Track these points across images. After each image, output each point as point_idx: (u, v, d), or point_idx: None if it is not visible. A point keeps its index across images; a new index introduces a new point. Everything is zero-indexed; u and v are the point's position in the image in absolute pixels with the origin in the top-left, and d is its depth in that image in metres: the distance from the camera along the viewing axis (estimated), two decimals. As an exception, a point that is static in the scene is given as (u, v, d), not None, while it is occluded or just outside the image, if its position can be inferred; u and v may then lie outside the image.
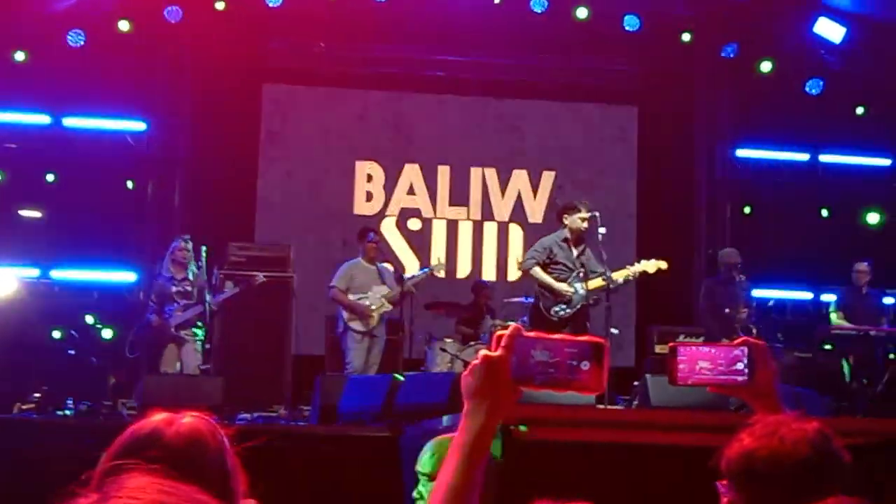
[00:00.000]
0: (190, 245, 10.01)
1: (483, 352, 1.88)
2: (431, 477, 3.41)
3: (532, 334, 1.88)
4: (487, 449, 1.84)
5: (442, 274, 11.57)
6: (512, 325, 1.91)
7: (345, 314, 10.30)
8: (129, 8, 12.16)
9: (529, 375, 1.85)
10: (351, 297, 10.30)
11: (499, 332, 1.88)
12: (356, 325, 10.23)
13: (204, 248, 10.19)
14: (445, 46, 13.61)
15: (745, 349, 2.33)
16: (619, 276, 8.50)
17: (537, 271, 8.60)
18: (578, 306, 8.40)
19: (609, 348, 1.89)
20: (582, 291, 8.37)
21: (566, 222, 8.61)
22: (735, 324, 9.84)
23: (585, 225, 8.46)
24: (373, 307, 10.22)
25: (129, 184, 12.71)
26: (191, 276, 9.99)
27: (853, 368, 10.33)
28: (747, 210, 13.78)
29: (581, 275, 8.43)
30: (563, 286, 8.43)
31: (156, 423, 2.08)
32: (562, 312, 8.39)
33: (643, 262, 8.64)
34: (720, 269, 10.73)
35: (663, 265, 8.71)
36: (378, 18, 12.84)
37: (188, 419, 2.10)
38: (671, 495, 4.08)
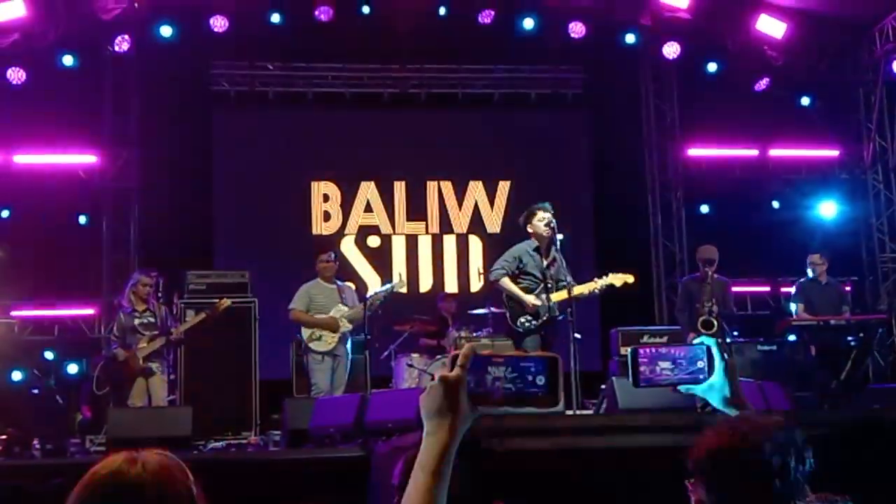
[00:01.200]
0: (153, 279, 9.93)
1: (439, 372, 1.90)
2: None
3: (486, 353, 1.91)
4: (449, 466, 1.85)
5: (404, 290, 11.55)
6: (467, 344, 1.94)
7: (304, 335, 10.20)
8: (72, 40, 12.08)
9: (486, 393, 1.88)
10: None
11: (454, 353, 1.91)
12: (316, 345, 10.15)
13: (161, 280, 10.12)
14: (393, 61, 13.65)
15: (704, 346, 2.36)
16: (584, 288, 8.49)
17: (506, 282, 8.57)
18: (545, 317, 8.39)
19: (561, 363, 1.92)
20: (549, 304, 8.36)
21: (531, 230, 8.60)
22: (699, 317, 9.90)
23: (548, 226, 8.43)
24: (339, 325, 10.15)
25: (82, 218, 12.60)
26: (152, 307, 9.92)
27: (816, 358, 10.43)
28: (705, 209, 13.92)
29: (550, 286, 8.42)
30: (530, 298, 8.42)
31: (119, 461, 2.07)
32: (528, 324, 8.37)
33: (610, 275, 8.61)
34: (698, 266, 10.81)
35: (630, 279, 8.70)
36: (324, 37, 12.86)
37: (151, 455, 2.10)
38: (642, 496, 4.11)
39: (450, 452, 1.86)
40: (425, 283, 13.58)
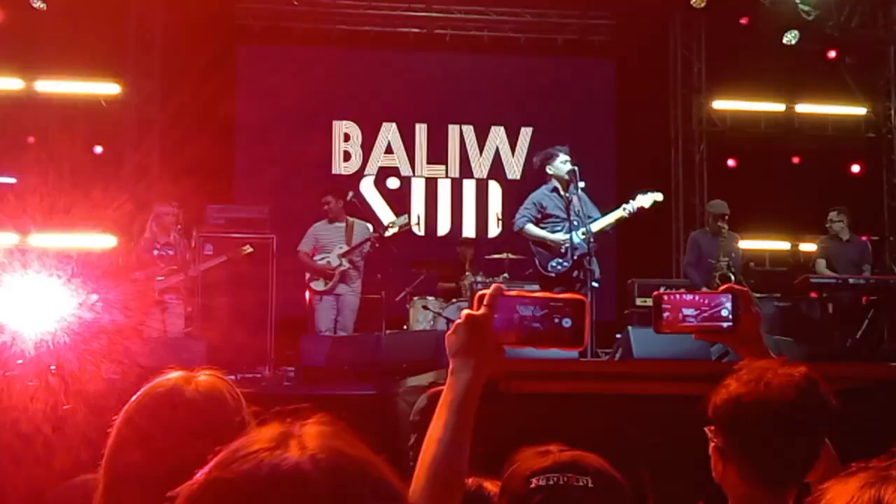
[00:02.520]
0: (174, 209, 9.97)
1: (466, 311, 1.90)
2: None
3: (513, 293, 1.92)
4: (475, 405, 1.86)
5: (421, 232, 11.57)
6: (494, 284, 1.94)
7: (307, 275, 10.35)
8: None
9: (512, 333, 1.89)
10: (317, 258, 10.33)
11: (481, 292, 1.91)
12: (315, 284, 10.27)
13: (180, 212, 10.15)
14: (420, 1, 13.51)
15: (729, 295, 2.34)
16: (612, 217, 8.37)
17: (530, 228, 8.50)
18: (575, 257, 8.27)
19: (590, 304, 1.93)
20: (577, 240, 8.24)
21: (550, 171, 8.51)
22: (714, 272, 9.87)
23: (569, 166, 8.32)
24: (333, 265, 10.21)
25: (98, 148, 12.56)
26: (172, 240, 9.95)
27: (833, 316, 10.40)
28: (731, 163, 13.79)
29: (576, 223, 8.28)
30: (557, 237, 8.35)
31: (174, 380, 2.08)
32: (559, 267, 8.28)
33: (638, 196, 8.46)
34: (707, 220, 10.76)
35: (659, 196, 8.51)
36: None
37: (204, 376, 2.10)
38: (659, 442, 4.11)
39: (475, 391, 1.86)
40: (443, 227, 13.55)
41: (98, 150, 12.63)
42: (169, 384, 2.07)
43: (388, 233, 10.18)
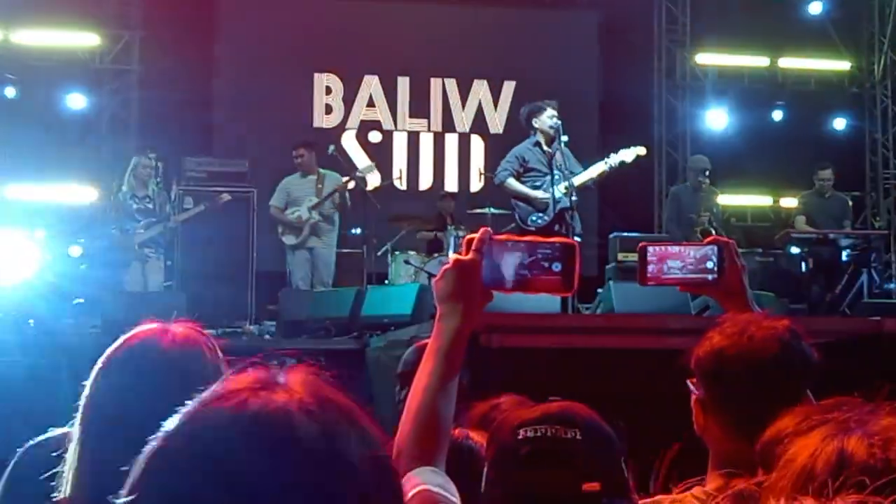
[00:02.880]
0: (153, 161, 9.90)
1: (454, 255, 1.88)
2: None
3: (502, 237, 1.88)
4: (463, 352, 1.84)
5: (403, 185, 11.52)
6: (483, 228, 1.90)
7: (279, 230, 10.32)
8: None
9: (501, 278, 1.85)
10: (288, 212, 10.28)
11: (469, 236, 1.87)
12: (286, 239, 10.25)
13: (161, 164, 10.08)
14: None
15: (715, 248, 2.32)
16: (594, 171, 8.35)
17: (511, 182, 8.45)
18: (556, 211, 8.24)
19: (579, 249, 1.88)
20: (558, 195, 8.20)
21: (536, 125, 8.45)
22: (696, 227, 9.88)
23: (554, 122, 8.26)
24: (303, 218, 10.17)
25: (79, 99, 12.40)
26: (151, 193, 9.88)
27: (812, 271, 10.45)
28: (718, 116, 13.68)
29: (557, 178, 8.24)
30: (538, 193, 8.32)
31: (150, 331, 2.06)
32: (539, 221, 8.25)
33: (620, 151, 8.42)
34: (688, 176, 10.76)
35: (642, 151, 8.47)
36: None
37: (181, 328, 2.09)
38: (641, 396, 4.12)
39: (463, 337, 1.84)
40: (425, 181, 13.50)
41: (69, 97, 12.42)
42: (144, 335, 2.05)
43: (357, 180, 10.13)
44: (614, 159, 8.34)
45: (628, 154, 8.37)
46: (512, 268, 1.85)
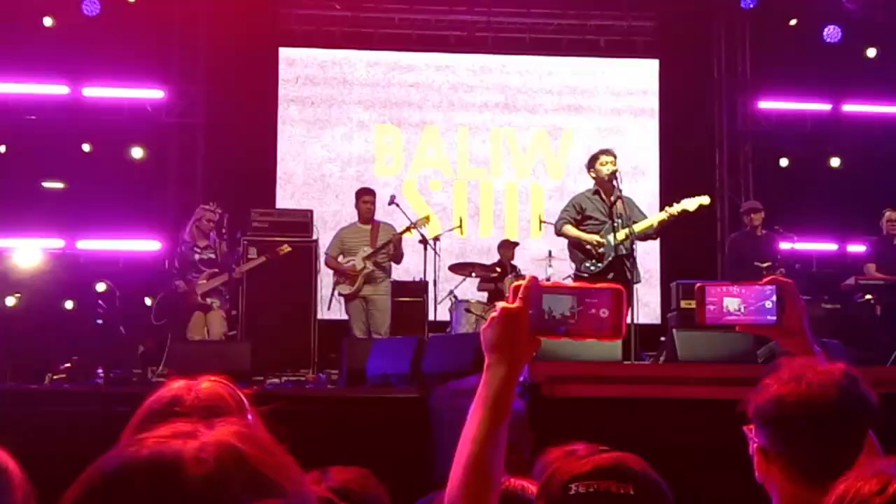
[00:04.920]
0: (216, 212, 10.05)
1: (501, 304, 1.86)
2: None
3: (549, 283, 1.88)
4: (511, 401, 1.83)
5: (464, 234, 11.54)
6: (529, 275, 1.89)
7: (334, 278, 10.39)
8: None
9: (548, 325, 1.84)
10: (342, 260, 10.36)
11: (516, 283, 1.87)
12: (341, 288, 10.30)
13: (224, 215, 10.24)
14: (463, 5, 13.52)
15: (774, 288, 2.31)
16: (654, 219, 8.33)
17: (568, 229, 8.47)
18: (611, 258, 8.23)
19: (627, 294, 1.88)
20: (612, 242, 8.19)
21: (593, 175, 8.50)
22: (760, 275, 9.79)
23: (611, 168, 8.27)
24: (357, 268, 10.22)
25: (139, 152, 12.62)
26: (213, 244, 10.03)
27: (882, 319, 10.26)
28: (784, 162, 13.59)
29: (616, 225, 8.23)
30: (591, 237, 8.32)
31: (175, 389, 2.10)
32: (593, 268, 8.25)
33: (683, 200, 8.40)
34: (744, 221, 10.71)
35: (705, 200, 8.44)
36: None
37: (206, 384, 2.12)
38: (701, 447, 4.08)
39: (510, 385, 1.83)
40: (485, 230, 13.54)
41: (138, 153, 12.66)
42: (169, 395, 2.08)
43: (413, 230, 10.19)
44: (676, 208, 8.31)
45: (691, 203, 8.34)
46: (559, 314, 1.84)
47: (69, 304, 10.57)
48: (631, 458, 1.95)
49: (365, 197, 10.59)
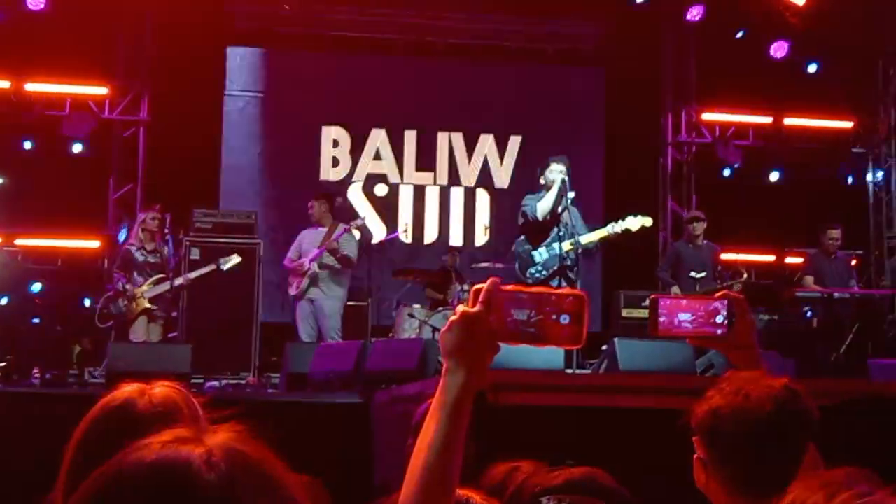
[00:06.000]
0: (161, 214, 9.94)
1: (461, 307, 1.81)
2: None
3: (510, 288, 1.83)
4: (469, 407, 1.77)
5: (408, 238, 11.54)
6: (491, 278, 1.84)
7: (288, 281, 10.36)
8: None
9: (509, 330, 1.80)
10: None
11: (476, 287, 1.82)
12: (290, 289, 10.26)
13: (168, 218, 10.13)
14: (411, 9, 13.52)
15: (725, 302, 2.34)
16: (596, 235, 8.42)
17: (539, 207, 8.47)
18: (555, 267, 8.29)
19: (589, 301, 1.84)
20: (559, 251, 8.25)
21: (542, 181, 8.56)
22: (696, 286, 9.91)
23: (561, 176, 8.32)
24: (305, 268, 10.15)
25: (78, 147, 12.45)
26: (158, 247, 9.92)
27: (818, 331, 10.44)
28: (726, 173, 13.76)
29: (562, 234, 8.28)
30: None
31: (128, 393, 2.06)
32: (538, 275, 8.31)
33: (627, 218, 8.49)
34: (687, 230, 10.86)
35: (648, 222, 8.57)
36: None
37: (159, 388, 2.09)
38: (642, 456, 4.11)
39: (469, 392, 1.77)
40: (430, 235, 13.54)
41: (77, 148, 12.47)
42: (122, 397, 2.05)
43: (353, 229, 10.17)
44: (619, 226, 8.43)
45: (634, 223, 8.47)
46: (520, 320, 1.80)
47: (4, 301, 10.40)
48: (600, 473, 1.95)
49: (311, 202, 10.53)
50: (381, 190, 13.48)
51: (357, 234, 10.34)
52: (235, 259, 10.00)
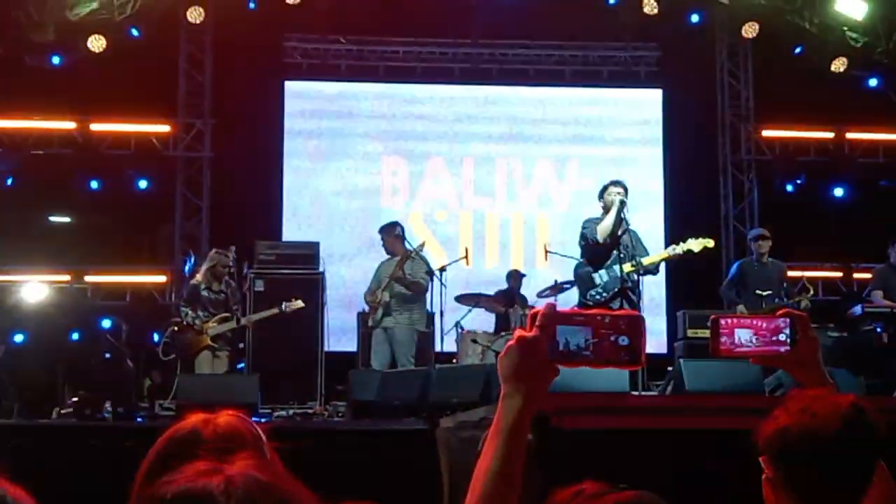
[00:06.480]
0: (231, 257, 10.03)
1: (518, 332, 1.80)
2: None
3: (566, 310, 1.83)
4: (526, 432, 1.76)
5: (470, 264, 11.53)
6: (547, 302, 1.87)
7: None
8: (151, 8, 12.13)
9: (566, 354, 1.79)
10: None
11: (533, 311, 1.82)
12: (369, 321, 10.29)
13: (233, 248, 10.25)
14: (467, 36, 13.61)
15: (788, 320, 2.32)
16: (658, 256, 8.40)
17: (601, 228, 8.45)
18: (615, 289, 8.27)
19: (646, 322, 1.83)
20: (619, 273, 8.24)
21: (602, 204, 8.57)
22: (762, 304, 9.80)
23: (621, 198, 8.31)
24: (378, 299, 10.17)
25: (144, 183, 12.70)
26: (224, 287, 10.01)
27: (888, 346, 10.24)
28: (790, 188, 13.63)
29: (623, 256, 8.28)
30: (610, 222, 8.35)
31: (194, 423, 2.10)
32: (598, 297, 8.29)
33: (689, 240, 8.48)
34: (751, 248, 10.73)
35: (710, 243, 8.53)
36: (396, 11, 12.84)
37: (224, 417, 2.12)
38: (710, 477, 4.08)
39: (527, 416, 1.76)
40: (491, 260, 13.55)
41: (143, 184, 12.72)
42: (187, 428, 2.08)
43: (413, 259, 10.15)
44: (682, 248, 8.40)
45: (696, 244, 8.44)
46: (577, 342, 1.79)
47: (76, 337, 10.58)
48: (648, 497, 1.93)
49: (381, 235, 10.52)
50: (440, 217, 13.53)
51: (423, 259, 10.30)
52: (298, 304, 10.00)
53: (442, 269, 10.60)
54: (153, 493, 1.13)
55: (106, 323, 11.03)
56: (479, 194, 13.68)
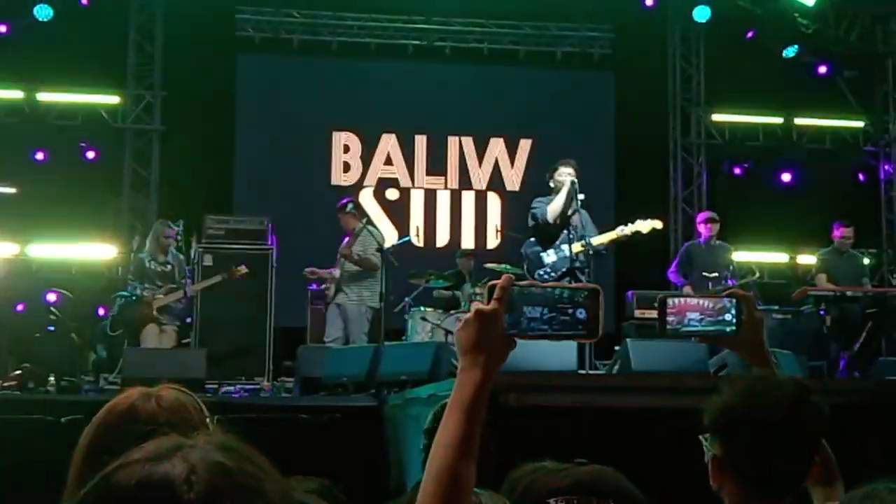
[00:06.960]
0: (176, 229, 9.94)
1: (476, 304, 1.79)
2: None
3: (525, 283, 1.82)
4: (485, 404, 1.75)
5: (420, 242, 11.54)
6: (505, 274, 1.83)
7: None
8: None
9: (524, 326, 1.79)
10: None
11: (490, 283, 1.80)
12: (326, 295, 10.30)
13: (182, 222, 10.15)
14: (421, 14, 13.56)
15: (734, 300, 2.35)
16: (606, 237, 8.45)
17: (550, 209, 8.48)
18: (564, 269, 8.31)
19: (603, 294, 1.84)
20: (568, 253, 8.27)
21: (552, 185, 8.58)
22: (708, 286, 9.91)
23: (570, 178, 8.34)
24: (334, 276, 10.18)
25: (91, 154, 12.56)
26: (171, 258, 9.94)
27: (831, 329, 10.41)
28: (737, 171, 13.79)
29: (572, 236, 8.31)
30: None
31: (134, 396, 2.08)
32: (546, 276, 8.32)
33: (637, 221, 8.53)
34: (699, 231, 10.86)
35: (658, 224, 8.60)
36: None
37: (166, 391, 2.10)
38: (656, 455, 4.12)
39: (485, 389, 1.75)
40: (442, 239, 13.56)
41: (90, 155, 12.58)
42: (127, 402, 2.06)
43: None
44: (630, 229, 8.45)
45: (644, 225, 8.49)
46: (535, 315, 1.79)
47: (20, 310, 10.45)
48: (608, 472, 1.93)
49: (337, 214, 10.46)
50: (392, 194, 13.51)
51: (373, 236, 10.25)
52: (242, 269, 9.94)
53: (393, 247, 10.58)
54: (107, 477, 1.10)
55: (51, 296, 10.89)
56: (430, 173, 13.66)
